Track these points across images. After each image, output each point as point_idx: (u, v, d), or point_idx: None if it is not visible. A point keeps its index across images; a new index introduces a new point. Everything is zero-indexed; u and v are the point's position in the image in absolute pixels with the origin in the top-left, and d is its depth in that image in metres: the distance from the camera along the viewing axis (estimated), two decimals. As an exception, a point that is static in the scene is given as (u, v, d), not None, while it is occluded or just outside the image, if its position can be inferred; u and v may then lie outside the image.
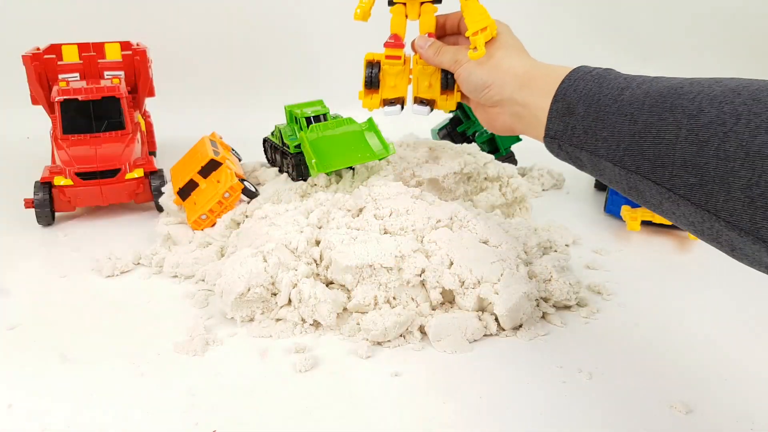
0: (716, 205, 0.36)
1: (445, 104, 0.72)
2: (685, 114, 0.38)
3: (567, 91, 0.48)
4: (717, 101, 0.37)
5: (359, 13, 0.69)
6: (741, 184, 0.34)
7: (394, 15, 0.71)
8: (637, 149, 0.41)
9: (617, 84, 0.45)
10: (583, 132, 0.46)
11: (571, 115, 0.47)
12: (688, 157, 0.37)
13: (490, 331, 0.54)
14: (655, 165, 0.40)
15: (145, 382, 0.48)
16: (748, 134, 0.34)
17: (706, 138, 0.36)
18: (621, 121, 0.42)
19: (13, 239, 0.73)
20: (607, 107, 0.44)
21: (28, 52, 0.86)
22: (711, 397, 0.47)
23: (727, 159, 0.35)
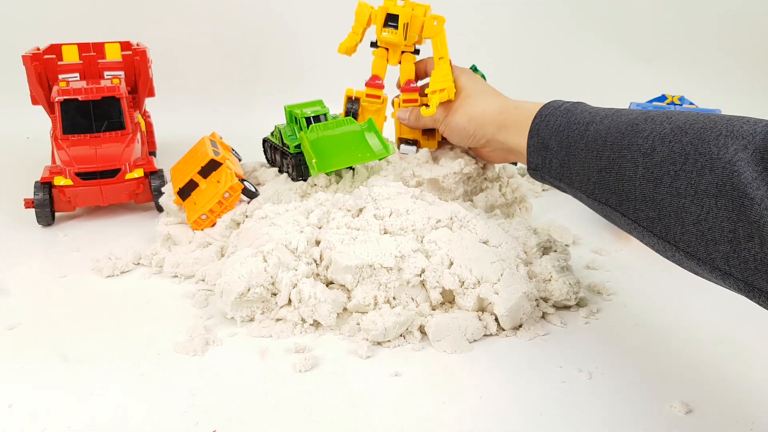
0: (674, 237, 0.39)
1: (427, 144, 0.79)
2: (641, 152, 0.41)
3: (540, 127, 0.52)
4: (667, 140, 0.40)
5: (342, 48, 0.76)
6: (692, 219, 0.37)
7: (376, 57, 0.78)
8: (604, 184, 0.44)
9: (583, 119, 0.48)
10: (559, 165, 0.50)
11: (546, 150, 0.51)
12: (647, 192, 0.40)
13: (490, 331, 0.54)
14: (621, 199, 0.43)
15: (145, 382, 0.48)
16: (695, 174, 0.37)
17: (660, 176, 0.39)
18: (589, 157, 0.46)
19: (13, 239, 0.73)
20: (576, 143, 0.48)
21: (28, 52, 0.86)
22: (711, 397, 0.47)
23: (679, 196, 0.38)
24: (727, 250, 0.36)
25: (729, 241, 0.36)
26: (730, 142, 0.36)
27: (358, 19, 0.76)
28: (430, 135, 0.80)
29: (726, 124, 0.38)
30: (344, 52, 0.76)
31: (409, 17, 0.72)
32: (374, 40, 0.77)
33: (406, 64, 0.77)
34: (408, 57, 0.77)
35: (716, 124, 0.38)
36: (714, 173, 0.36)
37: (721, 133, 0.37)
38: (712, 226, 0.36)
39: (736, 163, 0.35)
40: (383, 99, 0.79)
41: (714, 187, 0.36)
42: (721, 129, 0.37)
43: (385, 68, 0.78)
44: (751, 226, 0.34)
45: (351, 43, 0.76)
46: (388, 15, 0.72)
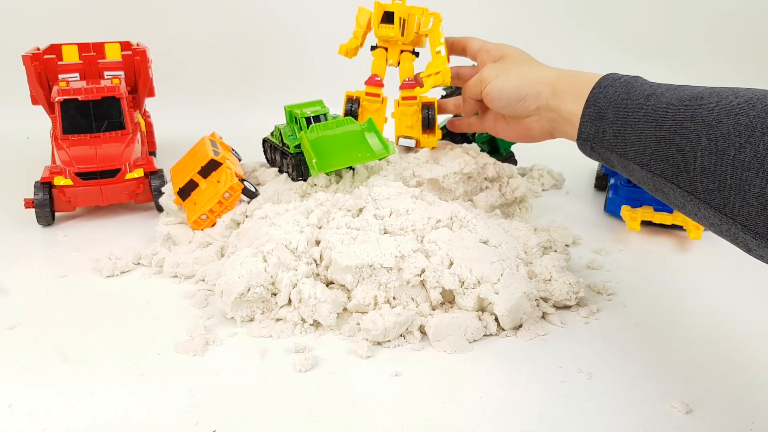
0: (733, 210, 0.38)
1: (427, 141, 0.80)
2: (705, 124, 0.40)
3: (597, 98, 0.51)
4: (734, 113, 0.39)
5: (343, 50, 0.78)
6: (755, 191, 0.37)
7: (376, 57, 0.80)
8: (662, 155, 0.44)
9: (643, 91, 0.47)
10: (613, 136, 0.49)
11: (601, 120, 0.50)
12: (708, 164, 0.40)
13: (490, 331, 0.54)
14: (678, 170, 0.42)
15: (145, 382, 0.48)
16: (762, 146, 0.37)
17: (724, 148, 0.39)
18: (647, 127, 0.45)
19: (13, 239, 0.73)
20: (634, 113, 0.47)
21: (28, 52, 0.86)
22: (711, 397, 0.47)
23: (743, 168, 0.37)
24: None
25: None
26: None
27: (359, 22, 0.78)
28: (430, 133, 0.80)
29: None
30: (344, 53, 0.78)
31: (406, 14, 0.74)
32: (374, 44, 0.78)
33: (405, 63, 0.79)
34: (407, 56, 0.78)
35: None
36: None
37: None
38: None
39: None
40: (383, 98, 0.80)
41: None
42: None
43: (385, 68, 0.80)
44: None
45: (351, 46, 0.78)
46: (385, 12, 0.74)
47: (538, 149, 1.03)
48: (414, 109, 0.79)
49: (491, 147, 0.92)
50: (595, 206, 0.85)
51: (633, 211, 0.74)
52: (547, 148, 1.05)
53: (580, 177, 0.95)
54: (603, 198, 0.86)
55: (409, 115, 0.79)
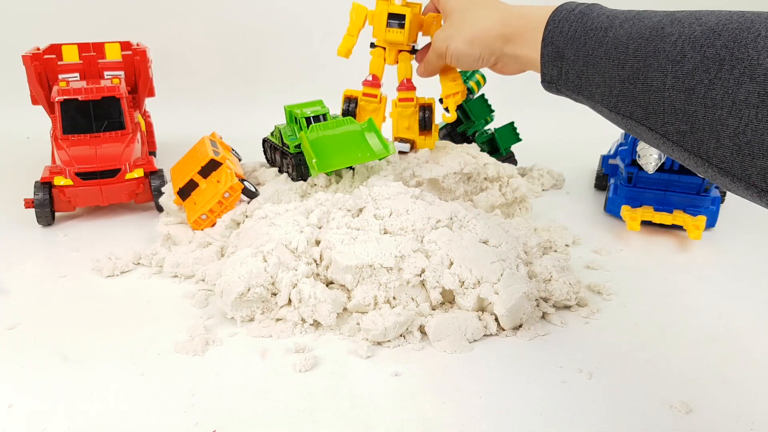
0: (708, 152, 0.36)
1: (424, 143, 0.79)
2: (669, 60, 0.37)
3: (554, 34, 0.47)
4: (699, 44, 0.36)
5: (342, 51, 0.78)
6: (729, 132, 0.34)
7: (374, 57, 0.79)
8: (628, 96, 0.40)
9: (600, 23, 0.44)
10: (576, 77, 0.45)
11: (562, 60, 0.46)
12: (677, 104, 0.37)
13: (490, 331, 0.54)
14: (647, 112, 0.39)
15: (145, 382, 0.48)
16: (733, 82, 0.34)
17: (692, 85, 0.36)
18: (610, 66, 0.42)
19: (13, 239, 0.73)
20: (594, 51, 0.43)
21: (28, 52, 0.86)
22: (711, 397, 0.47)
23: (715, 107, 0.35)
24: (765, 165, 0.33)
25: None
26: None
27: (354, 20, 0.77)
28: (427, 135, 0.80)
29: (764, 22, 0.34)
30: (344, 54, 0.78)
31: (411, 15, 0.73)
32: (373, 41, 0.78)
33: (402, 63, 0.79)
34: (405, 56, 0.78)
35: (753, 24, 0.34)
36: (755, 81, 0.33)
37: (760, 33, 0.33)
38: (750, 140, 0.33)
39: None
40: (381, 98, 0.80)
41: (755, 96, 0.33)
42: (759, 29, 0.34)
43: (383, 67, 0.80)
44: None
45: (349, 45, 0.78)
46: (391, 15, 0.72)
47: (538, 149, 1.04)
48: (411, 110, 0.79)
49: (491, 147, 0.92)
50: (595, 206, 0.85)
51: (633, 211, 0.74)
52: (547, 148, 1.06)
53: (580, 177, 0.95)
54: (603, 198, 0.86)
55: (407, 116, 0.80)
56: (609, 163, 0.85)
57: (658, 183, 0.75)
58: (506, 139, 0.92)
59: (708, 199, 0.74)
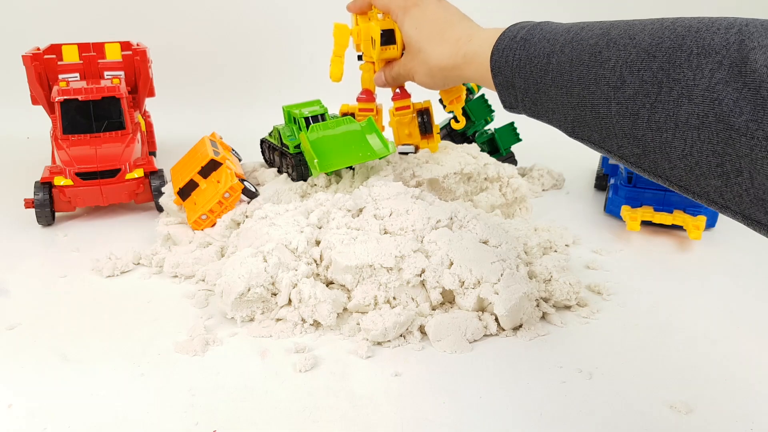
0: (665, 173, 0.36)
1: (428, 146, 0.79)
2: (610, 86, 0.37)
3: (500, 64, 0.48)
4: (635, 68, 0.36)
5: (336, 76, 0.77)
6: (677, 154, 0.34)
7: (364, 72, 0.79)
8: (582, 122, 0.41)
9: (542, 50, 0.44)
10: (531, 104, 0.46)
11: (514, 88, 0.47)
12: (626, 129, 0.37)
13: (490, 331, 0.54)
14: (602, 136, 0.39)
15: (146, 382, 0.48)
16: (672, 104, 0.34)
17: (636, 110, 0.36)
18: (559, 94, 0.42)
19: (13, 239, 0.73)
20: (542, 79, 0.43)
21: (29, 52, 0.86)
22: (711, 397, 0.47)
23: (660, 130, 0.35)
24: (718, 184, 0.33)
25: (719, 176, 0.32)
26: (704, 62, 0.32)
27: (339, 41, 0.76)
28: (429, 138, 0.80)
29: (695, 37, 0.34)
30: (338, 79, 0.77)
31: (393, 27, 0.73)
32: (359, 54, 0.77)
33: None
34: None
35: (684, 41, 0.34)
36: (693, 102, 0.33)
37: (692, 51, 0.33)
38: (699, 161, 0.33)
39: (715, 87, 0.31)
40: (377, 110, 0.80)
41: (695, 117, 0.32)
42: (691, 46, 0.34)
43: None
44: (739, 160, 0.31)
45: (340, 68, 0.77)
46: (384, 32, 0.71)
47: (538, 149, 1.04)
48: (409, 117, 0.79)
49: (491, 147, 0.92)
50: (595, 206, 0.85)
51: (633, 211, 0.74)
52: (547, 148, 1.05)
53: (580, 177, 0.95)
54: (603, 198, 0.86)
55: (406, 123, 0.80)
56: (609, 163, 0.85)
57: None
58: (506, 140, 0.92)
59: (708, 199, 0.74)
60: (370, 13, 0.74)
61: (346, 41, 0.76)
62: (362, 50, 0.77)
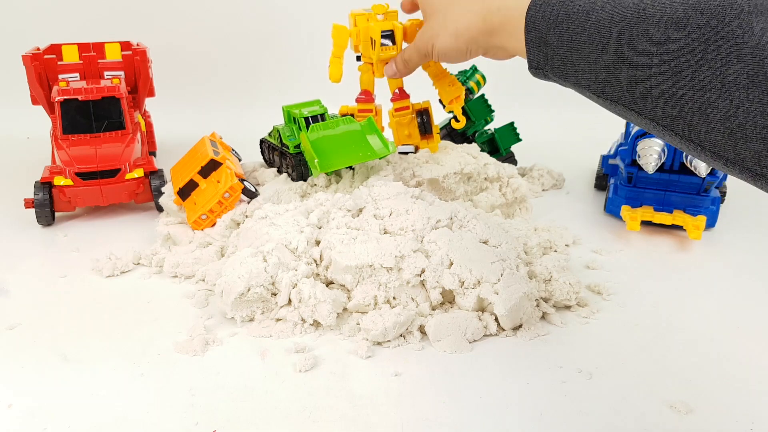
0: (699, 137, 0.35)
1: (428, 146, 0.79)
2: (653, 42, 0.36)
3: (536, 19, 0.46)
4: (682, 25, 0.35)
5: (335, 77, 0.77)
6: (719, 115, 0.33)
7: (363, 73, 0.79)
8: (615, 81, 0.40)
9: (582, 6, 0.43)
10: (561, 62, 0.45)
11: (546, 45, 0.46)
12: (665, 88, 0.36)
13: (490, 331, 0.54)
14: (635, 96, 0.38)
15: (146, 382, 0.48)
16: (720, 62, 0.33)
17: (679, 68, 0.35)
18: (594, 51, 0.41)
19: (13, 239, 0.73)
20: (577, 35, 0.42)
21: (28, 52, 0.86)
22: (711, 397, 0.47)
23: (703, 90, 0.34)
24: (759, 148, 0.32)
25: (762, 138, 0.31)
26: (755, 20, 0.31)
27: (338, 42, 0.76)
28: (429, 138, 0.80)
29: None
30: (337, 80, 0.77)
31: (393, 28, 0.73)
32: (358, 54, 0.77)
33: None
34: None
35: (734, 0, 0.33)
36: (742, 61, 0.31)
37: (743, 9, 0.32)
38: (742, 122, 0.32)
39: (765, 46, 0.30)
40: (376, 111, 0.80)
41: (744, 77, 0.31)
42: (741, 4, 0.32)
43: (374, 82, 0.80)
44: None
45: (339, 69, 0.77)
46: (383, 32, 0.72)
47: (538, 149, 1.04)
48: (409, 118, 0.80)
49: (491, 147, 0.92)
50: (595, 206, 0.85)
51: (633, 211, 0.74)
52: (547, 148, 1.05)
53: (580, 177, 0.95)
54: (603, 198, 0.86)
55: (405, 124, 0.80)
56: (609, 163, 0.85)
57: (658, 183, 0.75)
58: (506, 139, 0.92)
59: (708, 199, 0.74)
60: (369, 14, 0.74)
61: (345, 42, 0.76)
62: (361, 51, 0.77)
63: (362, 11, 0.75)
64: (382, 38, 0.72)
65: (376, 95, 0.82)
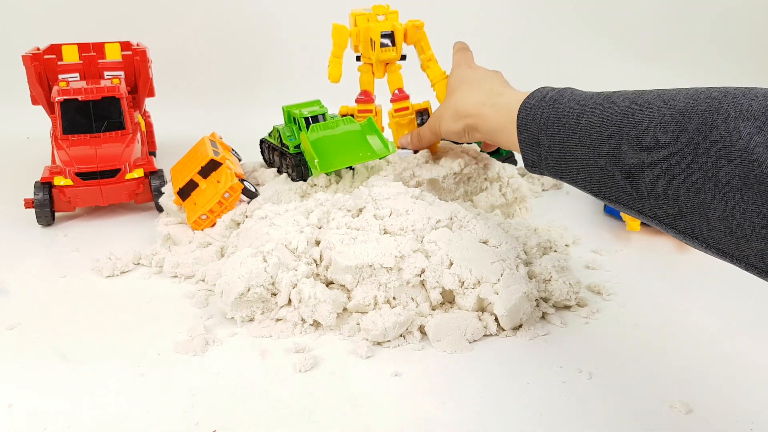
0: (702, 234, 0.35)
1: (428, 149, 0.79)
2: (643, 146, 0.37)
3: (527, 121, 0.48)
4: (670, 129, 0.36)
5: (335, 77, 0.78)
6: (718, 215, 0.34)
7: (363, 73, 0.79)
8: (609, 182, 0.40)
9: (572, 110, 0.44)
10: (555, 162, 0.46)
11: (538, 146, 0.47)
12: (661, 190, 0.36)
13: (489, 331, 0.54)
14: (632, 197, 0.39)
15: (146, 381, 0.48)
16: (711, 165, 0.33)
17: (671, 171, 0.35)
18: (586, 153, 0.42)
19: (13, 239, 0.73)
20: (569, 138, 0.43)
21: (28, 52, 0.86)
22: (711, 397, 0.47)
23: (698, 191, 0.34)
24: (761, 246, 0.32)
25: (762, 238, 0.32)
26: (741, 125, 0.32)
27: (338, 41, 0.76)
28: None
29: (732, 102, 0.34)
30: (337, 80, 0.78)
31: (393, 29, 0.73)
32: (358, 54, 0.78)
33: (392, 74, 0.79)
34: (393, 67, 0.78)
35: (721, 104, 0.34)
36: (732, 164, 0.32)
37: (729, 114, 0.33)
38: (741, 223, 0.32)
39: (754, 150, 0.31)
40: (376, 111, 0.80)
41: (737, 179, 0.32)
42: (728, 110, 0.33)
43: (373, 82, 0.80)
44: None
45: (338, 69, 0.77)
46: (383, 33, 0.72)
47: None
48: (409, 118, 0.80)
49: (491, 147, 0.92)
50: (594, 206, 0.85)
51: (633, 211, 0.74)
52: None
53: (580, 177, 0.95)
54: (603, 198, 0.86)
55: (405, 124, 0.80)
56: None
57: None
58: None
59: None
60: (370, 14, 0.74)
61: (345, 42, 0.76)
62: (361, 51, 0.77)
63: (362, 11, 0.75)
64: (382, 39, 0.72)
65: (376, 96, 0.82)
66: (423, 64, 0.79)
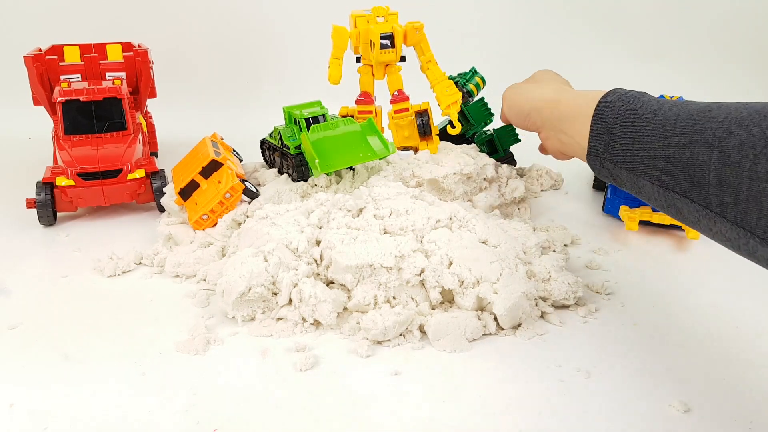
0: (751, 223, 0.38)
1: (427, 147, 0.80)
2: (716, 136, 0.40)
3: (604, 112, 0.50)
4: (745, 124, 0.38)
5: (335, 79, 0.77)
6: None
7: (362, 75, 0.80)
8: (672, 169, 0.43)
9: (650, 106, 0.47)
10: (621, 151, 0.48)
11: (609, 135, 0.49)
12: (722, 177, 0.39)
13: (489, 331, 0.55)
14: (691, 184, 0.41)
15: (147, 381, 0.48)
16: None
17: (738, 159, 0.38)
18: (656, 142, 0.45)
19: (14, 239, 0.73)
20: (642, 128, 0.46)
21: (30, 53, 0.86)
22: (710, 397, 0.47)
23: (759, 180, 0.37)
24: None
25: None
26: None
27: (338, 43, 0.76)
28: (428, 140, 0.81)
29: None
30: (337, 82, 0.78)
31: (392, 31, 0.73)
32: (358, 56, 0.78)
33: (392, 75, 0.79)
34: (393, 68, 0.79)
35: None
36: None
37: None
38: None
39: None
40: (376, 112, 0.81)
41: None
42: None
43: (373, 84, 0.80)
44: None
45: (339, 71, 0.77)
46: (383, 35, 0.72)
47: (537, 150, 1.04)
48: (408, 119, 0.80)
49: (490, 147, 0.92)
50: (593, 206, 0.85)
51: (631, 211, 0.74)
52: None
53: (578, 177, 0.95)
54: (601, 198, 0.87)
55: (404, 126, 0.80)
56: None
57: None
58: (505, 140, 0.92)
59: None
60: (369, 16, 0.74)
61: (345, 43, 0.76)
62: (361, 53, 0.77)
63: (362, 13, 0.75)
64: (382, 41, 0.72)
65: (376, 97, 0.82)
66: (423, 66, 0.79)
